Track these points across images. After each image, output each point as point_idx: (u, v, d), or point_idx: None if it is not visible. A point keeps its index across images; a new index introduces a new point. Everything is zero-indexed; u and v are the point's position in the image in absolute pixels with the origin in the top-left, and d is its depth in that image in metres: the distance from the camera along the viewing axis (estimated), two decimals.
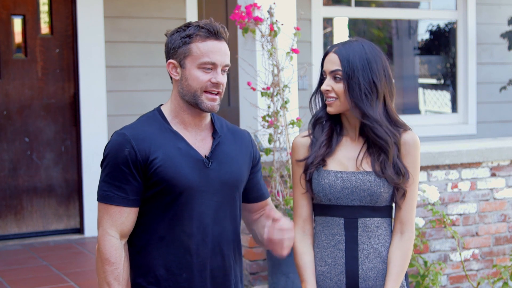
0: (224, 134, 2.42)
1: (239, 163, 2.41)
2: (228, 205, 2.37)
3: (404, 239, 2.38)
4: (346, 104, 2.35)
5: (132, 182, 2.26)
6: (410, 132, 2.40)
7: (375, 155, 2.36)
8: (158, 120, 2.35)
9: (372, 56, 2.36)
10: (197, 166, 2.31)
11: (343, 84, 2.34)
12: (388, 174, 2.33)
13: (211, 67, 2.30)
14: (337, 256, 2.38)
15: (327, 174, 2.37)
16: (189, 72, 2.30)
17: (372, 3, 7.69)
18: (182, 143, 2.32)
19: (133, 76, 6.36)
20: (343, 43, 2.40)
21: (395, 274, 2.35)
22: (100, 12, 6.18)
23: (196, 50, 2.29)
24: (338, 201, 2.37)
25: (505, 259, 5.14)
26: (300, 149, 2.44)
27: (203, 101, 2.30)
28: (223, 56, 2.32)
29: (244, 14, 4.70)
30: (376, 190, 2.34)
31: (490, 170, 5.13)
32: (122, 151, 2.25)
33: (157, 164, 2.26)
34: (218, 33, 2.31)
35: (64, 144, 6.26)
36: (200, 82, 2.29)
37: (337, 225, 2.38)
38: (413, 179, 2.38)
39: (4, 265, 5.27)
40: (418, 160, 2.40)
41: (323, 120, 2.44)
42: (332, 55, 2.37)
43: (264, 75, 4.68)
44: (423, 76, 8.50)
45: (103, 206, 2.28)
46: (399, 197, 2.37)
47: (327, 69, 2.38)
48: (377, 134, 2.34)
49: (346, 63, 2.34)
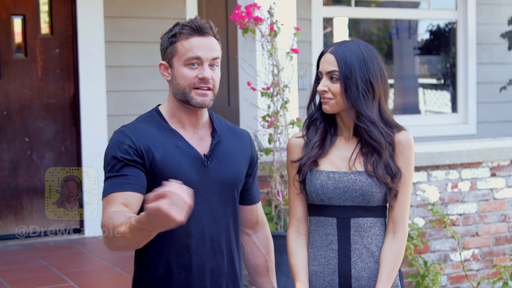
0: (224, 133, 2.42)
1: (238, 162, 2.41)
2: (227, 203, 2.38)
3: (396, 239, 2.37)
4: (342, 104, 2.35)
5: (134, 169, 2.22)
6: (404, 132, 2.40)
7: (368, 155, 2.36)
8: (156, 119, 2.35)
9: (369, 56, 2.36)
10: (196, 164, 2.31)
11: (340, 84, 2.34)
12: (379, 174, 2.33)
13: (197, 62, 2.29)
14: (330, 256, 2.38)
15: (320, 175, 2.38)
16: (177, 71, 2.31)
17: (372, 3, 7.69)
18: (181, 142, 2.32)
19: (133, 76, 6.36)
20: (339, 43, 2.40)
21: (386, 274, 2.35)
22: (100, 12, 6.18)
23: (181, 48, 2.29)
24: (331, 201, 2.37)
25: (505, 259, 5.14)
26: (294, 149, 2.45)
27: (193, 97, 2.30)
28: (207, 51, 2.29)
29: (244, 14, 4.70)
30: (368, 190, 2.34)
31: (490, 170, 5.13)
32: (122, 144, 2.25)
33: (156, 161, 2.26)
34: (202, 28, 2.30)
35: (64, 144, 6.26)
36: (187, 79, 2.29)
37: (330, 225, 2.38)
38: (406, 179, 2.37)
39: (4, 265, 5.27)
40: (412, 160, 2.40)
41: (317, 121, 2.45)
42: (329, 55, 2.37)
43: (264, 75, 4.68)
44: (423, 76, 8.50)
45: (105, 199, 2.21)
46: (391, 197, 2.36)
47: (323, 70, 2.38)
48: (371, 136, 2.34)
49: (343, 64, 2.34)
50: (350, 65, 2.33)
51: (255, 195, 2.53)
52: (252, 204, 2.53)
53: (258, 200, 2.56)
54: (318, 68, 2.41)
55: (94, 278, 4.99)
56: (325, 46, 2.48)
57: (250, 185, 2.50)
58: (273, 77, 4.62)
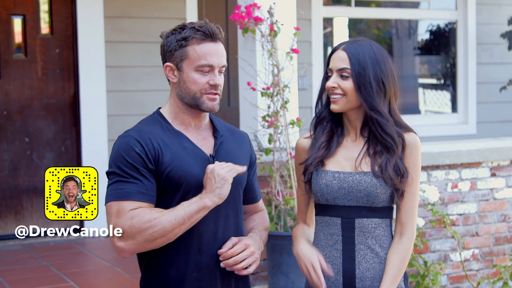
0: (225, 133, 2.44)
1: (240, 161, 2.42)
2: (233, 203, 2.39)
3: (402, 240, 2.37)
4: (353, 101, 2.35)
5: (148, 179, 2.24)
6: (412, 134, 2.40)
7: (376, 155, 2.36)
8: (159, 122, 2.36)
9: (381, 56, 2.37)
10: (204, 164, 2.32)
11: (353, 82, 2.34)
12: (388, 174, 2.32)
13: (209, 69, 2.31)
14: (335, 256, 2.38)
15: (325, 174, 2.38)
16: (187, 75, 2.31)
17: (372, 3, 7.69)
18: (187, 143, 2.33)
19: (133, 76, 6.36)
20: (352, 42, 2.39)
21: (391, 275, 2.35)
22: (100, 12, 6.19)
23: (193, 53, 2.29)
24: (335, 201, 2.37)
25: (505, 259, 5.14)
26: (302, 151, 2.46)
27: (204, 101, 2.32)
28: (219, 58, 2.32)
29: (244, 14, 4.70)
30: (372, 191, 2.34)
31: (490, 170, 5.13)
32: (132, 150, 2.25)
33: (167, 163, 2.27)
34: (214, 34, 2.31)
35: (64, 144, 6.26)
36: (198, 84, 2.30)
37: (335, 225, 2.38)
38: (413, 180, 2.37)
39: (4, 265, 5.27)
40: (419, 162, 2.40)
41: (324, 121, 2.44)
42: (341, 52, 2.36)
43: (264, 75, 4.68)
44: (423, 76, 8.50)
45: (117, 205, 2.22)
46: (398, 197, 2.36)
47: (334, 67, 2.37)
48: (385, 131, 2.34)
49: (356, 61, 2.33)
50: (363, 63, 2.33)
51: (256, 193, 2.56)
52: (255, 203, 2.56)
53: (260, 198, 2.59)
54: (328, 66, 2.40)
55: (94, 278, 4.99)
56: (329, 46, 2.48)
57: (251, 183, 2.52)
58: (273, 77, 4.62)
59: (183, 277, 2.31)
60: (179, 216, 2.20)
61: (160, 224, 2.19)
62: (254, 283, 4.62)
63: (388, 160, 2.34)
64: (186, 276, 2.31)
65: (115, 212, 2.22)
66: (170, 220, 2.19)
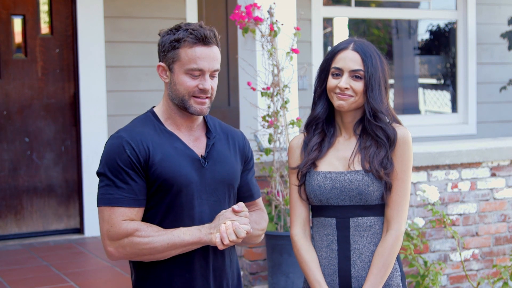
0: (218, 134, 2.44)
1: (232, 161, 2.42)
2: (224, 203, 2.39)
3: (387, 237, 2.35)
4: (359, 102, 2.37)
5: (138, 182, 2.26)
6: (402, 128, 2.40)
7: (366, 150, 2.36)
8: (152, 121, 2.36)
9: (381, 55, 2.40)
10: (195, 165, 2.32)
11: (364, 83, 2.34)
12: (374, 166, 2.31)
13: (199, 73, 2.30)
14: (330, 257, 2.38)
15: (317, 176, 2.38)
16: (177, 77, 2.31)
17: (372, 3, 7.69)
18: (178, 143, 2.33)
19: (133, 76, 6.36)
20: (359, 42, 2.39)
21: (373, 274, 2.33)
22: (100, 12, 6.19)
23: (184, 56, 2.29)
24: (329, 201, 2.37)
25: (505, 259, 5.15)
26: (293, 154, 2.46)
27: (192, 105, 2.32)
28: (210, 62, 2.31)
29: (244, 14, 4.70)
30: (364, 189, 2.33)
31: (490, 170, 5.13)
32: (123, 153, 2.25)
33: (157, 164, 2.27)
34: (207, 38, 2.30)
35: (64, 144, 6.26)
36: (187, 87, 2.30)
37: (330, 225, 2.38)
38: (398, 174, 2.34)
39: (4, 265, 5.27)
40: (407, 156, 2.37)
41: (318, 122, 2.44)
42: (352, 53, 2.35)
43: (264, 75, 4.68)
44: (423, 76, 8.50)
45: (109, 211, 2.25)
46: (386, 193, 2.34)
47: (346, 67, 2.35)
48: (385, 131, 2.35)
49: (370, 63, 2.34)
50: (375, 65, 2.35)
51: (254, 191, 2.54)
52: (252, 200, 2.54)
53: (258, 196, 2.56)
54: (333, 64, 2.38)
55: (94, 278, 4.99)
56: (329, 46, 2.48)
57: (247, 181, 2.51)
58: (273, 77, 4.62)
59: (174, 279, 2.31)
60: (171, 241, 2.24)
61: (152, 243, 2.23)
62: (254, 283, 4.62)
63: (376, 153, 2.34)
64: (177, 278, 2.31)
65: (107, 218, 2.25)
66: (163, 243, 2.23)
